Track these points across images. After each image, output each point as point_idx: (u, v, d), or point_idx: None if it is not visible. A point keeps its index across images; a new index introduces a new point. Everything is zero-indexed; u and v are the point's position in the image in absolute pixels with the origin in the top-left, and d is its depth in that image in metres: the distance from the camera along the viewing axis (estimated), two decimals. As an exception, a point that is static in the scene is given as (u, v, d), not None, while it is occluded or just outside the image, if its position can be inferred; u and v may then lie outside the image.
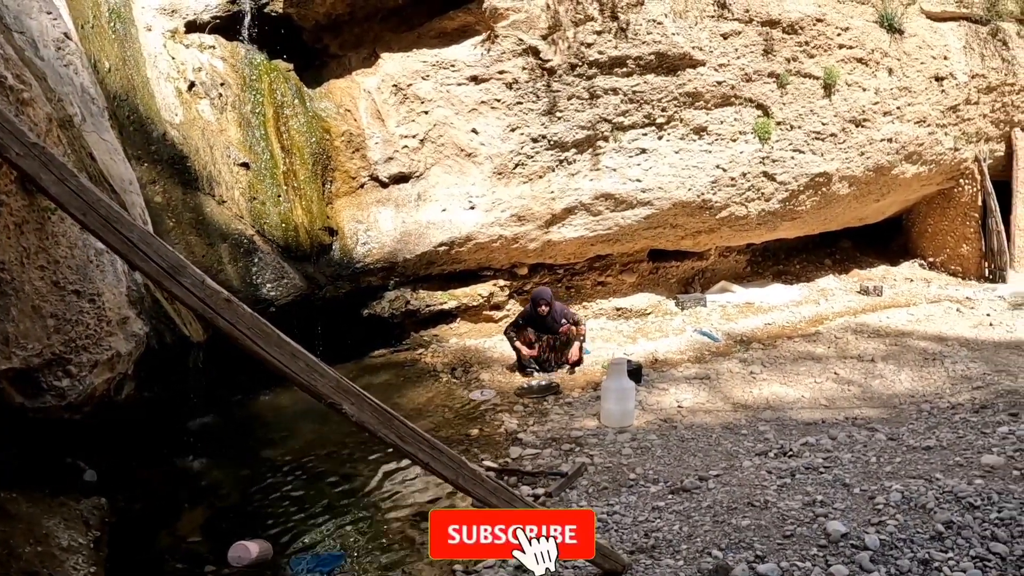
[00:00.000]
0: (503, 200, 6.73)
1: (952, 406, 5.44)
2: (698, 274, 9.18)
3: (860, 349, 7.06)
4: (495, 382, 6.28)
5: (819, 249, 10.79)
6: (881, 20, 8.57)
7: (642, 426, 5.13)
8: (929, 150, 9.28)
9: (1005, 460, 3.96)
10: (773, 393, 5.89)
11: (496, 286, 7.43)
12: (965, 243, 10.42)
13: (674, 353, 7.03)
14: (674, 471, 4.16)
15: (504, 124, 6.64)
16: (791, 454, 4.37)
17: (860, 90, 8.39)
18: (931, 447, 4.41)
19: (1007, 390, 5.76)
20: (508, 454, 4.61)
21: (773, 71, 7.75)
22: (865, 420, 5.20)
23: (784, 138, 7.92)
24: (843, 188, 8.61)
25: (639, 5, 6.99)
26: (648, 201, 7.26)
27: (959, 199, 10.34)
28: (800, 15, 7.83)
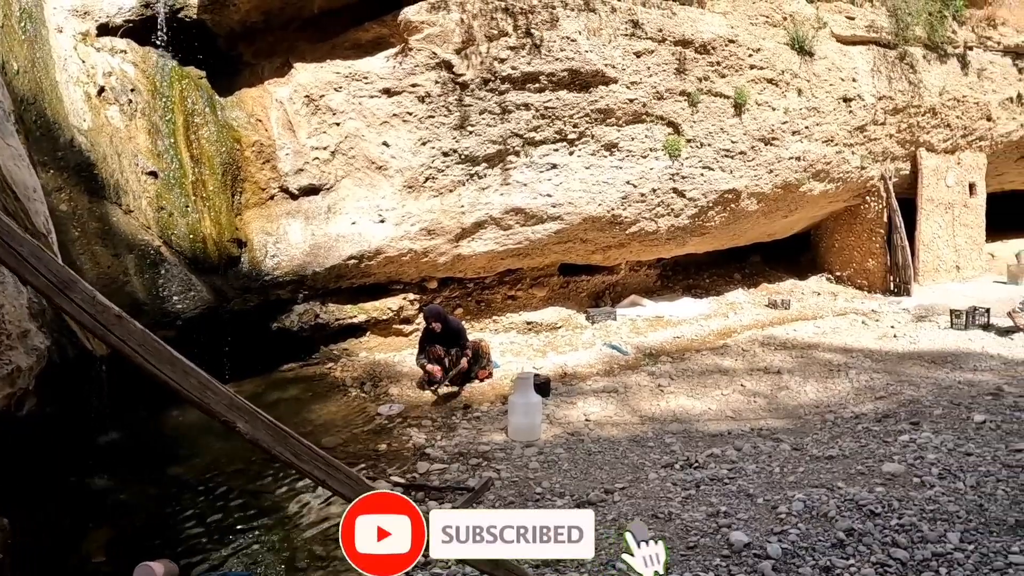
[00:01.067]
0: (413, 214, 7.55)
1: (856, 416, 6.23)
2: (609, 288, 10.30)
3: (767, 361, 8.15)
4: (404, 396, 6.85)
5: (729, 264, 12.21)
6: (792, 42, 9.99)
7: (550, 440, 5.74)
8: (836, 168, 10.81)
9: (906, 468, 4.62)
10: (680, 405, 6.72)
11: (406, 300, 8.20)
12: (871, 258, 12.11)
13: (584, 367, 7.94)
14: (580, 484, 4.67)
15: (415, 137, 7.48)
16: (697, 466, 4.97)
17: (770, 109, 9.75)
18: (834, 456, 5.06)
19: (909, 400, 6.64)
20: (416, 469, 5.08)
21: (685, 90, 8.95)
22: (770, 431, 5.95)
23: (694, 155, 9.15)
24: (752, 204, 9.96)
25: (554, 22, 8.02)
26: (558, 216, 8.26)
27: (865, 215, 12.02)
28: (713, 36, 9.09)
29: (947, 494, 4.14)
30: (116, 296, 5.42)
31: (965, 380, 7.36)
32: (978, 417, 5.90)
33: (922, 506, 3.95)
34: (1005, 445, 5.22)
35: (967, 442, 5.27)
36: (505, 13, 7.79)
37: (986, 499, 4.13)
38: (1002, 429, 5.67)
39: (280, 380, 7.13)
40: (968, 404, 6.38)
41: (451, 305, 8.70)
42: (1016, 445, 5.16)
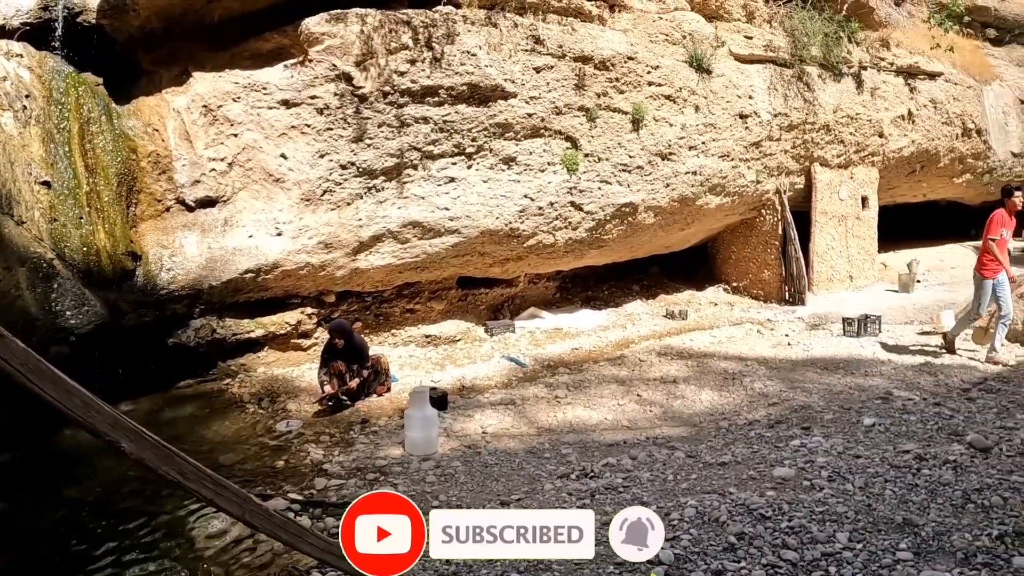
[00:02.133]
0: (311, 227, 8.44)
1: (749, 422, 6.98)
2: (508, 301, 11.53)
3: (663, 371, 9.06)
4: (302, 412, 7.52)
5: (628, 276, 13.72)
6: (691, 60, 11.52)
7: (447, 453, 6.33)
8: (732, 182, 12.46)
9: (796, 472, 5.21)
10: (577, 416, 7.47)
11: (304, 314, 9.07)
12: (767, 269, 13.90)
13: (482, 379, 8.75)
14: (477, 497, 5.15)
15: (313, 150, 8.39)
16: (592, 475, 5.51)
17: (667, 125, 11.22)
18: (726, 462, 5.65)
19: (801, 405, 7.45)
20: (314, 485, 5.56)
21: (583, 105, 10.24)
22: (666, 439, 6.61)
23: (592, 169, 10.48)
24: (649, 218, 11.43)
25: (454, 36, 9.14)
26: (456, 229, 9.34)
27: (761, 228, 13.79)
28: (612, 52, 10.45)
29: (836, 496, 4.76)
30: (8, 311, 6.01)
31: (856, 385, 8.37)
32: (868, 420, 6.70)
33: (812, 508, 4.52)
34: (893, 447, 5.93)
35: (856, 445, 5.98)
36: (406, 26, 8.83)
37: (874, 499, 4.76)
38: (891, 431, 6.45)
39: (177, 397, 7.69)
40: (858, 408, 7.24)
41: (350, 319, 9.43)
42: (904, 446, 5.91)
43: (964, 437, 6.15)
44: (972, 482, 5.05)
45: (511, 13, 9.68)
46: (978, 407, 7.31)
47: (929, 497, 4.79)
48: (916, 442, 6.08)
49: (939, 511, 4.58)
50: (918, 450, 5.78)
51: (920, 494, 4.86)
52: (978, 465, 5.47)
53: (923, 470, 5.35)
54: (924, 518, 4.46)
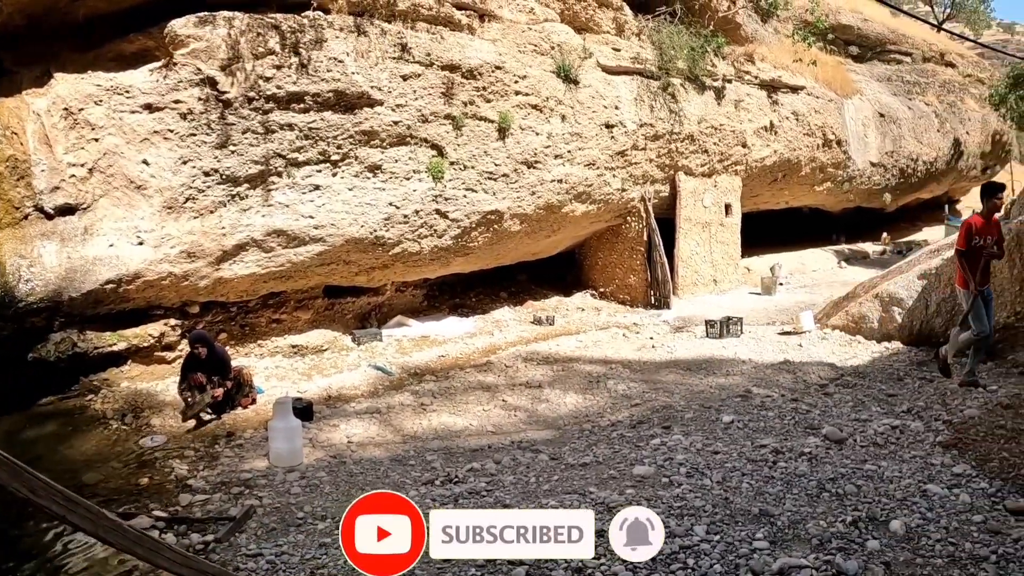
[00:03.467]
0: (173, 235, 9.15)
1: (612, 423, 7.69)
2: (375, 309, 12.63)
3: (529, 376, 10.01)
4: (167, 427, 7.99)
5: (496, 282, 15.15)
6: (558, 71, 12.99)
7: (312, 463, 6.78)
8: (598, 190, 14.04)
9: (655, 469, 5.83)
10: (443, 423, 8.18)
11: (168, 326, 9.71)
12: (633, 274, 15.68)
13: (349, 388, 9.55)
14: (342, 506, 5.20)
15: (176, 156, 9.12)
16: (457, 481, 5.97)
17: (533, 134, 12.63)
18: (588, 463, 6.24)
19: (663, 405, 8.27)
20: (179, 502, 5.88)
21: (450, 113, 11.45)
22: (530, 443, 7.23)
23: (457, 177, 11.71)
24: (515, 225, 12.81)
25: (322, 42, 10.11)
26: (321, 238, 10.32)
27: (627, 234, 15.54)
28: (480, 61, 11.71)
29: (694, 490, 5.36)
30: None
31: (717, 384, 9.39)
32: (726, 418, 7.52)
33: (670, 503, 5.11)
34: (751, 442, 6.66)
35: (715, 441, 6.72)
36: (274, 30, 9.69)
37: (731, 492, 5.34)
38: (749, 427, 7.26)
39: (38, 415, 8.09)
40: (718, 406, 8.12)
41: (214, 330, 10.26)
42: (761, 441, 6.63)
43: (820, 430, 6.99)
44: (827, 472, 5.77)
45: (380, 20, 10.73)
46: (835, 401, 8.38)
47: (785, 488, 5.45)
48: (773, 437, 6.87)
49: (795, 501, 5.23)
50: (775, 444, 6.51)
51: (776, 486, 5.51)
52: (833, 456, 6.22)
53: (779, 463, 6.05)
54: (780, 508, 5.07)
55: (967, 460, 6.06)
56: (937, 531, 4.76)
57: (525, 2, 12.91)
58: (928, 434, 6.81)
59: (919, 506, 5.14)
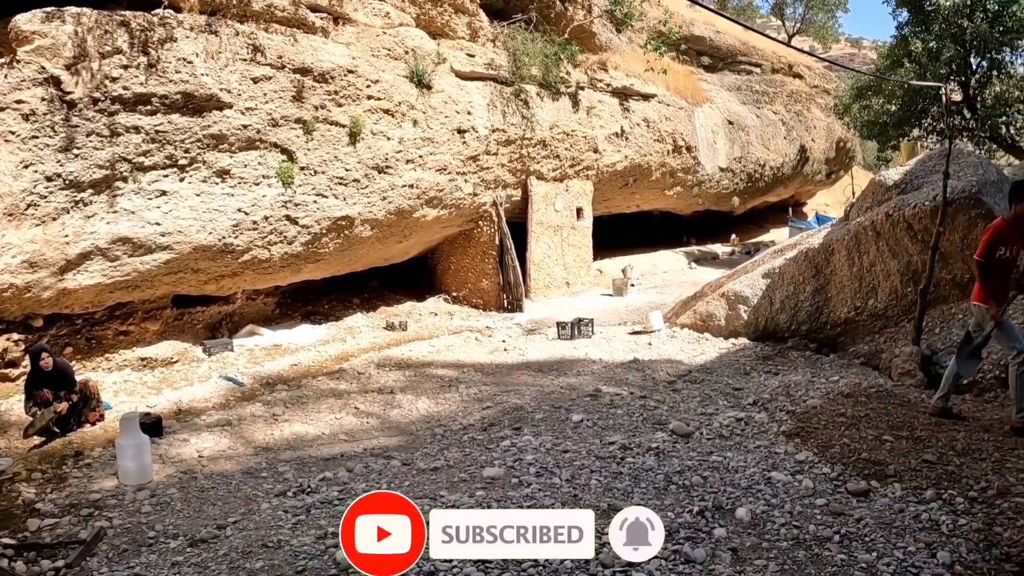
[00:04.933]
0: (14, 244, 9.44)
1: (463, 427, 8.18)
2: (226, 318, 13.32)
3: (382, 382, 10.56)
4: (12, 449, 8.07)
5: (349, 289, 16.13)
6: (412, 75, 14.06)
7: (163, 480, 7.01)
8: (449, 195, 15.23)
9: (505, 471, 6.24)
10: (294, 433, 8.56)
11: (10, 341, 9.95)
12: (485, 278, 16.99)
13: (199, 401, 9.94)
14: (194, 523, 5.75)
15: (17, 160, 9.43)
16: (309, 491, 6.27)
17: (385, 139, 13.65)
18: (439, 467, 6.65)
19: (513, 407, 8.75)
20: (27, 527, 5.97)
21: (301, 117, 12.26)
22: (383, 449, 7.65)
23: (308, 183, 12.55)
24: (366, 231, 13.80)
25: (171, 41, 10.64)
26: (168, 245, 10.91)
27: (479, 239, 16.86)
28: (332, 65, 12.61)
29: (543, 489, 5.75)
30: None
31: (567, 385, 9.95)
32: (576, 417, 8.05)
33: (520, 503, 5.43)
34: (600, 440, 7.18)
35: (565, 440, 7.21)
36: (123, 28, 10.10)
37: (580, 489, 5.76)
38: (598, 426, 7.79)
39: None
40: (568, 406, 8.66)
41: (59, 344, 10.58)
42: (610, 438, 7.17)
43: (667, 425, 7.63)
44: (674, 465, 6.29)
45: (232, 20, 11.42)
46: (683, 397, 9.15)
47: (633, 483, 5.91)
48: (622, 434, 7.40)
49: (643, 494, 5.68)
50: (623, 441, 7.03)
51: (624, 481, 5.96)
52: (680, 450, 6.79)
53: (627, 458, 6.54)
54: (628, 502, 5.43)
55: (810, 447, 6.80)
56: (782, 516, 5.28)
57: (381, 6, 13.94)
58: (772, 424, 7.65)
59: (764, 493, 5.71)
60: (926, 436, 7.00)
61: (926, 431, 7.15)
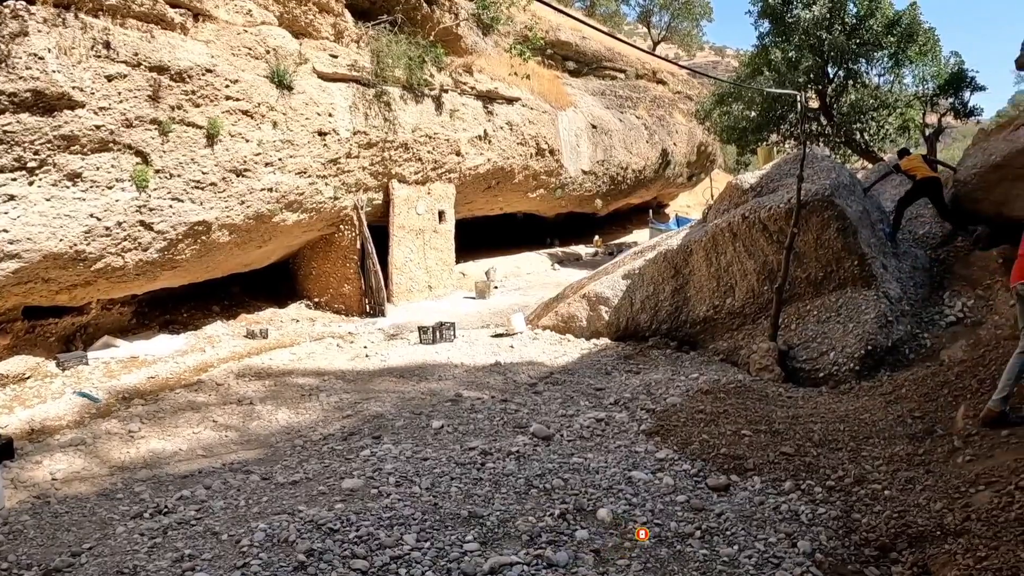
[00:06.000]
0: None
1: (324, 437, 8.35)
2: (80, 330, 13.34)
3: (241, 393, 10.76)
4: None
5: (209, 296, 16.34)
6: (272, 76, 14.40)
7: (15, 507, 6.92)
8: (310, 199, 15.66)
9: (364, 481, 6.40)
10: (151, 450, 8.61)
11: None
12: (347, 283, 17.52)
13: (53, 419, 9.86)
14: (48, 551, 5.67)
15: None
16: (166, 511, 6.29)
17: (243, 141, 13.94)
18: (298, 481, 6.73)
19: (374, 415, 9.04)
20: None
21: (156, 118, 12.41)
22: (241, 463, 7.73)
23: (163, 186, 12.74)
24: (224, 236, 14.09)
25: (22, 36, 10.61)
26: (17, 254, 10.92)
27: (340, 243, 17.38)
28: (191, 64, 12.82)
29: (403, 499, 5.91)
30: None
31: (428, 390, 10.29)
32: (436, 423, 8.37)
33: (379, 515, 5.56)
34: (460, 445, 7.42)
35: (425, 448, 7.46)
36: None
37: (440, 497, 5.95)
38: (459, 431, 8.08)
39: None
40: (429, 412, 8.98)
41: None
42: (471, 444, 7.41)
43: (528, 428, 7.90)
44: (534, 469, 6.52)
45: (86, 14, 11.47)
46: (544, 399, 9.52)
47: (494, 488, 6.14)
48: (482, 439, 7.64)
49: (503, 500, 5.88)
50: (484, 446, 7.29)
51: (485, 487, 6.18)
52: (540, 453, 7.07)
53: (488, 464, 6.78)
54: (489, 509, 5.67)
55: (670, 445, 7.16)
56: (643, 514, 5.57)
57: (243, 3, 14.24)
58: (633, 424, 8.02)
59: (625, 492, 5.99)
60: (784, 429, 7.56)
61: (784, 424, 7.73)
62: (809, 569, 4.92)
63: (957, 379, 8.31)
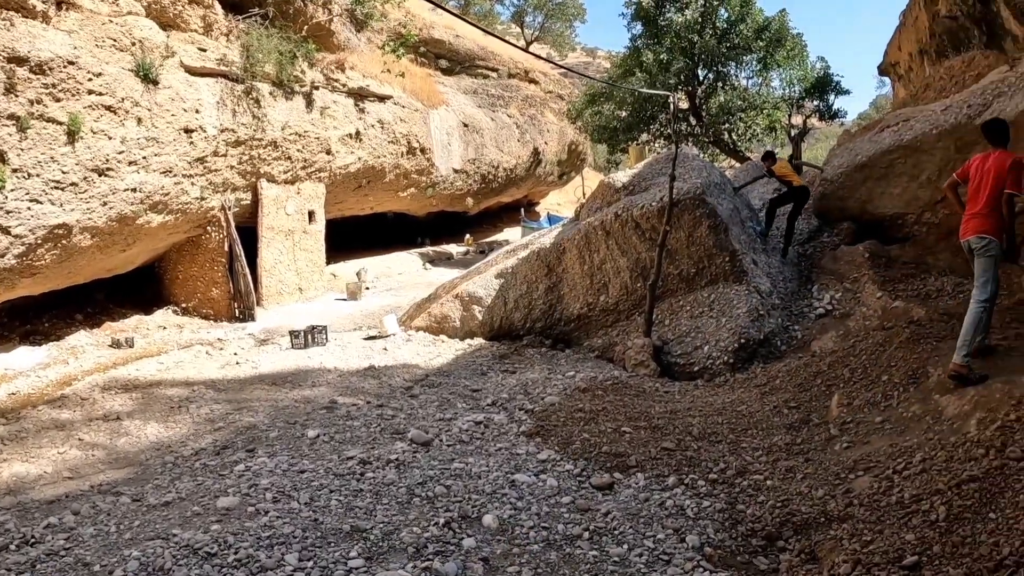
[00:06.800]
0: None
1: (196, 452, 8.13)
2: (-68, 344, 12.84)
3: (108, 407, 10.46)
4: None
5: (72, 304, 15.89)
6: (138, 69, 14.12)
7: None
8: (176, 200, 15.43)
9: (240, 499, 6.20)
10: (14, 474, 8.20)
11: None
12: (215, 287, 17.34)
13: None
14: None
15: None
16: (34, 542, 5.98)
17: (106, 138, 13.62)
18: (171, 502, 6.51)
19: (247, 426, 8.87)
20: None
21: (14, 113, 12.01)
22: (111, 484, 7.46)
23: (21, 187, 12.35)
24: (86, 239, 13.76)
25: None
26: None
27: (208, 245, 17.19)
28: (52, 55, 12.44)
29: (282, 516, 5.78)
30: None
31: (302, 397, 10.19)
32: (312, 432, 8.27)
33: (258, 535, 5.42)
34: (338, 455, 7.35)
35: (301, 459, 7.35)
36: None
37: (321, 512, 5.86)
38: (335, 440, 8.01)
39: None
40: (303, 421, 8.92)
41: None
42: (348, 453, 7.38)
43: (406, 434, 7.96)
44: (415, 477, 6.55)
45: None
46: (420, 403, 9.59)
47: (375, 499, 6.13)
48: (360, 447, 7.66)
49: (386, 511, 5.87)
50: (362, 455, 7.26)
51: (366, 498, 6.16)
52: (420, 459, 7.09)
53: (367, 474, 6.77)
54: (371, 521, 5.65)
55: (551, 446, 7.29)
56: (529, 519, 5.65)
57: (109, -9, 13.86)
58: (512, 425, 8.19)
59: (509, 497, 6.08)
60: (663, 424, 7.84)
61: (663, 419, 8.02)
62: (700, 563, 5.11)
63: (829, 369, 8.98)
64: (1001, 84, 11.67)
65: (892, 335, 8.99)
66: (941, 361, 7.65)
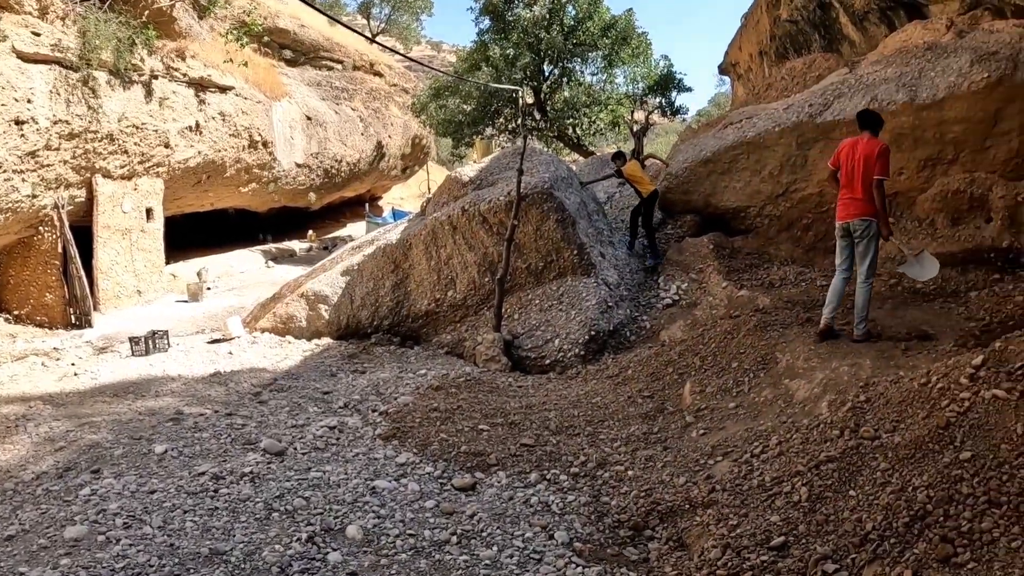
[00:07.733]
0: None
1: (37, 476, 7.53)
2: None
3: None
4: None
5: None
6: (-36, 55, 13.58)
7: None
8: (5, 198, 14.80)
9: (89, 527, 5.88)
10: None
11: None
12: (49, 292, 16.67)
13: None
14: None
15: None
16: None
17: (-70, 132, 13.13)
18: (15, 535, 6.05)
19: (90, 444, 8.35)
20: None
21: None
22: None
23: None
24: (-95, 243, 13.18)
25: None
26: None
27: (40, 247, 16.56)
28: None
29: (135, 544, 5.54)
30: None
31: (147, 409, 9.72)
32: (159, 448, 7.91)
33: (111, 566, 5.15)
34: (189, 471, 7.06)
35: (150, 478, 7.01)
36: None
37: (176, 536, 5.64)
38: (185, 454, 7.70)
39: None
40: (149, 436, 8.48)
41: None
42: (199, 468, 7.09)
43: (259, 444, 7.73)
44: (272, 490, 6.37)
45: None
46: (271, 409, 9.36)
47: (232, 517, 5.90)
48: (211, 461, 7.41)
49: (245, 529, 5.67)
50: (214, 469, 7.01)
51: (222, 517, 5.93)
52: (275, 470, 6.91)
53: (221, 490, 6.53)
54: (231, 542, 5.44)
55: (409, 448, 7.26)
56: (395, 526, 5.60)
57: (-73, -29, 13.19)
58: (368, 428, 8.12)
59: (371, 505, 6.01)
60: (520, 420, 7.98)
61: (519, 415, 8.16)
62: (571, 559, 5.20)
63: (680, 358, 9.44)
64: (841, 85, 12.75)
65: (739, 323, 9.55)
66: (788, 347, 8.25)
